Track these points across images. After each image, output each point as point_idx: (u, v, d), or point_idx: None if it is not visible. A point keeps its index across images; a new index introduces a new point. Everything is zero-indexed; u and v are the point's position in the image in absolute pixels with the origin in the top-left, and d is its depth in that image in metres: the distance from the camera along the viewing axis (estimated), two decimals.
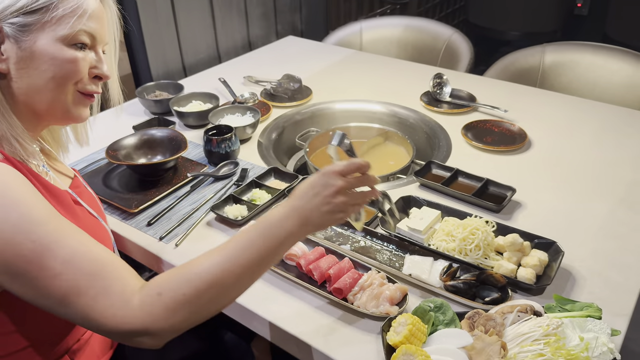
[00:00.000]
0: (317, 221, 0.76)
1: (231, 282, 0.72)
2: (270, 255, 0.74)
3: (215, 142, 1.35)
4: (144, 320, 0.68)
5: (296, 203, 0.76)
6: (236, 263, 0.72)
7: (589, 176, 1.30)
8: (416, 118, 1.62)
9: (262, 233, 0.74)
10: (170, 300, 0.69)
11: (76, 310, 0.68)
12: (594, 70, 1.94)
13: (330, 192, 0.76)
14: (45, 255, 0.67)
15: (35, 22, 0.74)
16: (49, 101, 0.79)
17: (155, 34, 1.83)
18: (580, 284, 0.99)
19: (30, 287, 0.68)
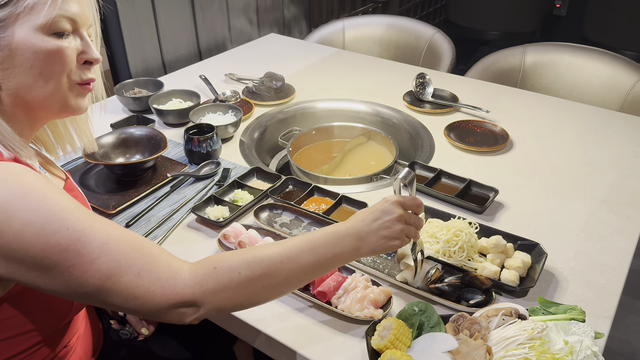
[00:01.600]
0: (373, 244, 0.81)
1: (285, 277, 0.74)
2: (325, 265, 0.78)
3: (196, 141, 1.32)
4: (195, 291, 0.69)
5: (357, 224, 0.81)
6: (295, 260, 0.74)
7: (571, 177, 1.31)
8: (399, 118, 1.62)
9: (324, 242, 0.77)
10: (224, 276, 0.70)
11: (118, 291, 0.66)
12: (573, 71, 1.96)
13: (391, 219, 0.81)
14: (81, 241, 0.65)
15: (8, 15, 0.69)
16: (43, 97, 0.75)
17: (135, 29, 1.79)
18: (563, 285, 1.00)
19: (66, 276, 0.65)
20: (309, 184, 1.26)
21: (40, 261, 0.64)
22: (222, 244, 1.07)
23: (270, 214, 1.18)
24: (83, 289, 0.66)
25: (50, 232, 0.64)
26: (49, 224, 0.64)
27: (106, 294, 0.67)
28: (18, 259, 0.64)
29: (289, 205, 1.18)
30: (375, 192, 1.27)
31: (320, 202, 1.22)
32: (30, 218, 0.64)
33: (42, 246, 0.64)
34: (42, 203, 0.65)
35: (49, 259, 0.64)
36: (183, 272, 0.69)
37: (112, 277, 0.66)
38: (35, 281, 0.66)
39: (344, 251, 0.78)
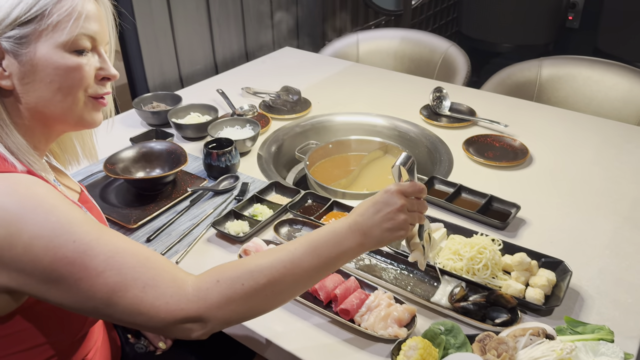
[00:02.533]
0: (378, 237, 0.79)
1: (289, 283, 0.73)
2: (329, 264, 0.76)
3: (215, 155, 1.33)
4: (199, 306, 0.68)
5: (358, 219, 0.78)
6: (298, 265, 0.73)
7: (592, 193, 1.30)
8: (417, 132, 1.61)
9: (326, 242, 0.76)
10: (228, 288, 0.69)
11: (124, 306, 0.66)
12: (590, 85, 1.95)
13: (393, 210, 0.79)
14: (87, 254, 0.65)
15: (32, 32, 0.71)
16: (61, 111, 0.76)
17: (153, 44, 1.81)
18: (588, 304, 0.98)
19: (74, 290, 0.66)
20: (328, 199, 1.26)
21: (49, 274, 0.65)
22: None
23: (290, 229, 1.17)
24: (91, 302, 0.66)
25: (58, 245, 0.64)
26: (57, 236, 0.65)
27: (113, 309, 0.67)
28: (27, 272, 0.65)
29: (308, 220, 1.18)
30: None
31: (340, 217, 1.22)
32: (38, 231, 0.64)
33: (50, 259, 0.64)
34: (51, 215, 0.65)
35: (57, 272, 0.65)
36: (187, 286, 0.69)
37: (117, 292, 0.66)
38: (45, 294, 0.67)
39: (348, 249, 0.77)
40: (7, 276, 0.65)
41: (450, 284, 0.98)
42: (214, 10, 1.98)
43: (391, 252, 1.07)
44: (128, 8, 1.69)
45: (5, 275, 0.65)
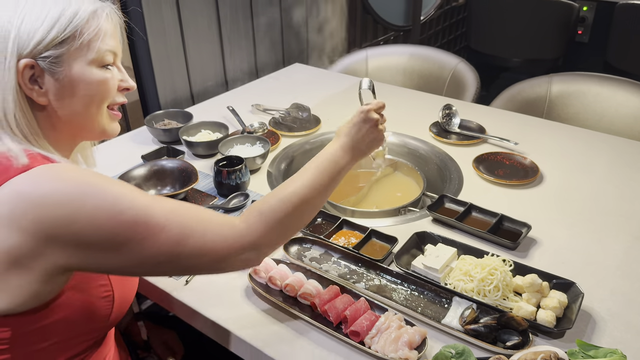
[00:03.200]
0: (364, 149, 0.99)
1: (312, 201, 0.88)
2: (335, 179, 0.94)
3: (225, 173, 1.34)
4: (251, 236, 0.80)
5: (346, 139, 0.98)
6: (315, 185, 0.89)
7: (603, 212, 1.29)
8: (426, 149, 1.62)
9: (328, 163, 0.93)
10: (269, 217, 0.83)
11: (189, 254, 0.75)
12: (601, 102, 1.94)
13: (371, 125, 0.99)
14: (148, 214, 0.73)
15: (66, 51, 0.77)
16: (89, 122, 0.84)
17: (164, 61, 1.83)
18: (600, 326, 0.97)
19: (138, 251, 0.72)
20: (338, 217, 1.26)
21: (114, 239, 0.71)
22: (253, 278, 1.07)
23: (300, 247, 1.18)
24: (155, 259, 0.74)
25: (119, 212, 0.71)
26: (117, 204, 0.71)
27: (177, 259, 0.75)
28: (90, 243, 0.71)
29: (318, 239, 1.18)
30: (404, 226, 1.26)
31: (350, 235, 1.22)
32: (99, 202, 0.70)
33: (114, 225, 0.70)
34: (106, 188, 0.72)
35: (122, 236, 0.71)
36: (237, 224, 0.80)
37: (181, 242, 0.74)
38: (108, 263, 0.73)
39: (345, 164, 0.95)
40: (71, 253, 0.71)
41: (461, 305, 0.98)
42: (225, 27, 2.01)
43: (401, 272, 1.07)
44: (140, 26, 1.71)
45: (68, 252, 0.71)
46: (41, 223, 0.68)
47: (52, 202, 0.69)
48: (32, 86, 0.77)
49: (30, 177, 0.71)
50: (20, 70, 0.75)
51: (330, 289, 1.01)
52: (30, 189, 0.69)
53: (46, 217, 0.68)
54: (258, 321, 0.99)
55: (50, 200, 0.69)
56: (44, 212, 0.68)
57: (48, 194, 0.69)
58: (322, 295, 0.99)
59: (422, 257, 1.09)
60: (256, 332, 0.97)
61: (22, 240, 0.68)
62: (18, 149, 0.74)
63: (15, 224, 0.68)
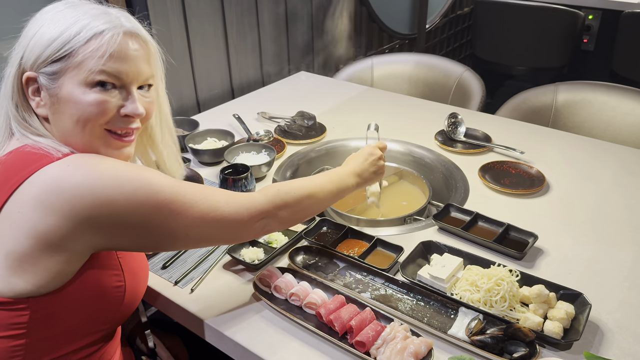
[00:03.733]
0: (368, 177, 1.16)
1: (319, 198, 1.03)
2: (340, 194, 1.09)
3: (231, 181, 1.34)
4: (268, 206, 0.93)
5: (354, 165, 1.15)
6: (325, 188, 1.05)
7: (610, 222, 1.28)
8: (432, 158, 1.61)
9: (339, 177, 1.10)
10: (285, 195, 0.96)
11: (215, 223, 0.86)
12: (607, 111, 1.93)
13: (376, 158, 1.17)
14: (180, 193, 0.81)
15: (61, 69, 0.80)
16: (78, 140, 0.84)
17: (171, 69, 1.84)
18: (608, 338, 0.96)
19: (173, 225, 0.81)
20: (344, 226, 1.26)
21: (151, 215, 0.78)
22: (258, 287, 1.07)
23: (305, 256, 1.17)
24: (187, 230, 0.83)
25: (156, 192, 0.78)
26: (153, 184, 0.79)
27: (205, 229, 0.85)
28: (129, 223, 0.78)
29: (324, 248, 1.18)
30: (410, 235, 1.25)
31: (355, 245, 1.22)
32: (137, 184, 0.77)
33: (154, 203, 0.78)
34: (140, 172, 0.79)
35: (160, 212, 0.79)
36: (256, 196, 0.93)
37: (210, 213, 0.84)
38: (141, 242, 0.82)
39: (350, 186, 1.11)
40: (107, 234, 0.77)
41: (467, 316, 0.97)
42: (231, 35, 2.02)
43: (407, 282, 1.07)
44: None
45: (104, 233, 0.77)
46: (77, 206, 0.73)
47: (89, 185, 0.74)
48: (34, 97, 0.82)
49: (66, 163, 0.76)
50: (24, 81, 0.81)
51: (336, 299, 1.01)
52: (66, 174, 0.74)
53: (83, 200, 0.73)
54: (263, 330, 0.99)
55: (88, 184, 0.74)
56: (81, 195, 0.73)
57: (85, 179, 0.74)
58: (328, 305, 0.99)
59: (428, 267, 1.09)
60: (261, 341, 0.96)
61: (59, 223, 0.73)
62: (49, 142, 0.81)
63: (50, 207, 0.72)
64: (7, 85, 0.83)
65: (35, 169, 0.76)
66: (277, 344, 0.96)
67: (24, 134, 0.83)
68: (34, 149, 0.79)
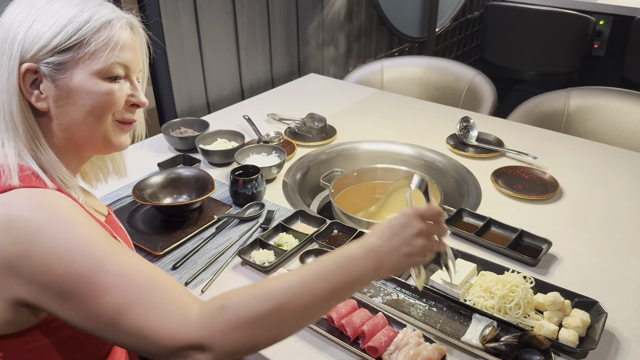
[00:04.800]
0: (394, 263, 0.73)
1: (298, 310, 0.68)
2: (342, 291, 0.71)
3: (241, 182, 1.33)
4: (202, 333, 0.65)
5: (374, 242, 0.73)
6: (308, 290, 0.68)
7: (626, 229, 1.27)
8: (444, 162, 1.60)
9: (338, 266, 0.70)
10: (232, 315, 0.66)
11: (127, 328, 0.65)
12: (619, 117, 1.92)
13: (411, 234, 0.73)
14: (98, 271, 0.66)
15: (70, 59, 0.75)
16: (89, 133, 0.80)
17: (182, 70, 1.84)
18: (624, 347, 0.95)
19: (81, 307, 0.66)
20: (354, 229, 1.25)
21: (61, 287, 0.66)
22: None
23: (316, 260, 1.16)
24: (96, 321, 0.66)
25: (72, 260, 0.66)
26: (72, 250, 0.66)
27: (116, 330, 0.66)
28: (43, 284, 0.66)
29: None
30: None
31: None
32: (56, 244, 0.66)
33: (63, 272, 0.65)
34: (70, 230, 0.67)
35: (68, 286, 0.66)
36: (191, 312, 0.66)
37: (122, 312, 0.65)
38: (57, 310, 0.68)
39: (362, 275, 0.71)
40: (24, 288, 0.67)
41: (480, 322, 0.96)
42: (242, 37, 2.01)
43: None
44: (159, 34, 1.72)
45: (22, 286, 0.67)
46: (2, 250, 0.65)
47: (15, 230, 0.66)
48: (32, 90, 0.75)
49: (4, 199, 0.68)
50: (21, 73, 0.74)
51: (347, 303, 1.00)
52: (1, 212, 0.67)
53: (6, 244, 0.65)
54: None
55: (14, 228, 0.66)
56: (5, 239, 0.65)
57: (13, 221, 0.66)
58: (339, 309, 0.98)
59: (441, 272, 1.07)
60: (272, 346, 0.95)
61: None
62: (14, 162, 0.72)
63: None
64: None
65: None
66: (287, 347, 0.95)
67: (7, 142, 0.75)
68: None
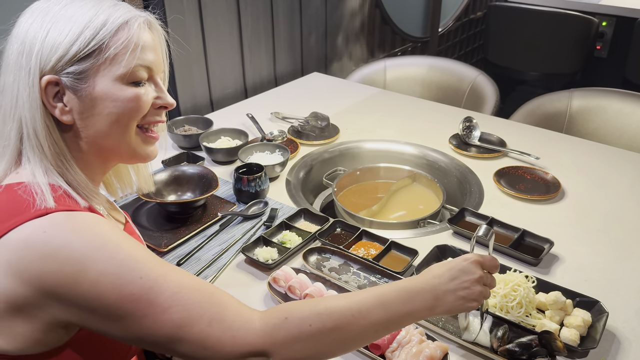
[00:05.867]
0: (450, 304, 0.76)
1: (355, 333, 0.72)
2: (397, 322, 0.75)
3: (245, 180, 1.34)
4: (265, 341, 0.68)
5: (434, 281, 0.77)
6: (367, 316, 0.72)
7: (627, 230, 1.27)
8: (446, 161, 1.61)
9: (397, 297, 0.74)
10: (295, 327, 0.69)
11: (190, 342, 0.66)
12: (621, 118, 1.92)
13: (471, 279, 0.77)
14: (154, 291, 0.66)
15: (90, 67, 0.71)
16: (117, 143, 0.77)
17: (185, 67, 1.84)
18: (625, 347, 0.95)
19: (137, 326, 0.66)
20: (358, 228, 1.26)
21: (114, 311, 0.65)
22: (272, 287, 1.06)
23: (319, 257, 1.17)
24: (153, 338, 0.67)
25: (125, 283, 0.65)
26: (123, 274, 0.65)
27: (176, 344, 0.67)
28: (93, 308, 0.65)
29: (338, 250, 1.17)
30: (424, 238, 1.25)
31: (369, 246, 1.21)
32: (105, 268, 0.65)
33: (117, 296, 0.65)
34: (116, 253, 0.66)
35: (123, 309, 0.65)
36: (254, 321, 0.69)
37: (183, 327, 0.66)
38: (106, 329, 0.67)
39: (418, 309, 0.75)
40: (71, 312, 0.66)
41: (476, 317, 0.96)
42: (246, 35, 2.02)
43: None
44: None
45: (69, 311, 0.66)
46: (45, 278, 0.64)
47: (60, 258, 0.64)
48: (55, 104, 0.72)
49: (45, 225, 0.66)
50: (42, 87, 0.70)
51: None
52: (42, 240, 0.65)
53: (51, 273, 0.64)
54: None
55: (59, 256, 0.64)
56: (50, 267, 0.64)
57: (57, 248, 0.64)
58: None
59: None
60: None
61: (26, 291, 0.64)
62: (44, 182, 0.70)
63: (19, 274, 0.64)
64: (17, 98, 0.71)
65: (13, 225, 0.66)
66: None
67: (33, 160, 0.72)
68: (25, 192, 0.69)
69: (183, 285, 0.68)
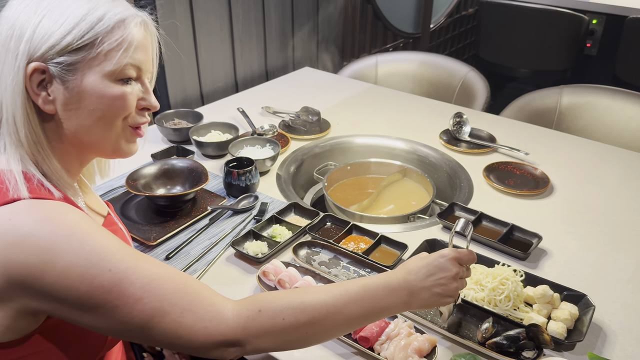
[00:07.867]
0: (425, 300, 0.78)
1: (329, 327, 0.74)
2: (371, 317, 0.77)
3: (235, 174, 1.33)
4: (238, 332, 0.69)
5: (409, 277, 0.78)
6: (341, 311, 0.73)
7: (615, 225, 1.28)
8: (436, 157, 1.61)
9: (373, 294, 0.76)
10: (268, 320, 0.70)
11: (161, 331, 0.67)
12: (610, 115, 1.94)
13: (447, 276, 0.79)
14: (124, 282, 0.66)
15: (81, 60, 0.70)
16: (99, 139, 0.76)
17: (176, 61, 1.83)
18: (611, 340, 0.96)
19: (109, 317, 0.66)
20: (348, 222, 1.26)
21: (85, 302, 0.65)
22: (262, 281, 1.06)
23: (309, 251, 1.17)
24: (126, 327, 0.67)
25: (94, 274, 0.64)
26: (92, 265, 0.65)
27: (149, 333, 0.67)
28: (62, 299, 0.65)
29: (327, 244, 1.17)
30: (413, 233, 1.25)
31: (359, 241, 1.22)
32: (73, 259, 0.64)
33: (86, 288, 0.64)
34: (85, 244, 0.65)
35: (93, 300, 0.65)
36: (226, 312, 0.70)
37: (154, 317, 0.66)
38: (78, 319, 0.67)
39: (393, 305, 0.77)
40: (41, 302, 0.66)
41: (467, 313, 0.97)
42: (237, 29, 2.01)
43: None
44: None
45: (39, 300, 0.66)
46: (12, 268, 0.63)
47: (26, 247, 0.63)
48: (39, 92, 0.71)
49: (10, 213, 0.65)
50: (28, 73, 0.69)
51: None
52: (6, 229, 0.63)
53: (17, 262, 0.63)
54: None
55: (24, 245, 0.63)
56: (16, 256, 0.63)
57: (22, 237, 0.63)
58: None
59: None
60: None
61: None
62: (18, 170, 0.69)
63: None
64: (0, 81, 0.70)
65: None
66: None
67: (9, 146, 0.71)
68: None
69: (155, 276, 0.68)
